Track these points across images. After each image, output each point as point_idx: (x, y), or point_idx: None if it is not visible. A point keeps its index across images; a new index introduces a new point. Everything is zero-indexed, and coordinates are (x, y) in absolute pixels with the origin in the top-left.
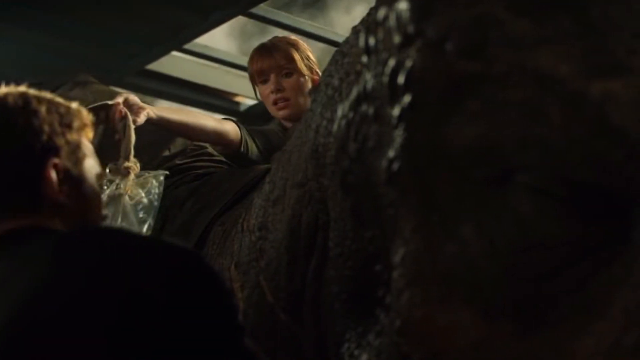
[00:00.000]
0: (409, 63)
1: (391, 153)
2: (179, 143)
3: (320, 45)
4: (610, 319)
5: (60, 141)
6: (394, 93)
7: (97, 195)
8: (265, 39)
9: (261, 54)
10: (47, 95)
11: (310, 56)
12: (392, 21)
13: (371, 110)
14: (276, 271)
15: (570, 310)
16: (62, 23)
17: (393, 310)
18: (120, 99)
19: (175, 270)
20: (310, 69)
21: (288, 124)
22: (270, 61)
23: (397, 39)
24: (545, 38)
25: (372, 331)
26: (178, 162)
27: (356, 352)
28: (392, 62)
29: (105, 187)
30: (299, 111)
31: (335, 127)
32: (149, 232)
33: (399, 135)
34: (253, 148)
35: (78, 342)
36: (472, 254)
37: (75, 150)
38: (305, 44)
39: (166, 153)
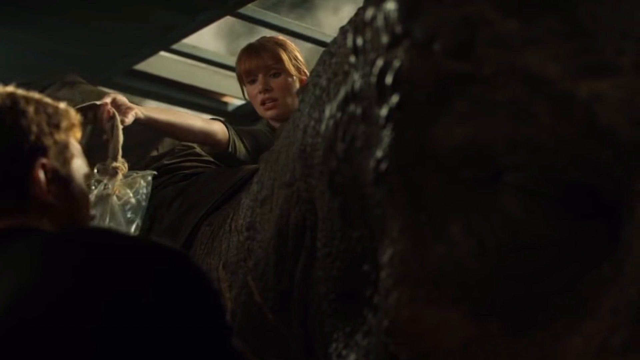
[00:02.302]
0: (396, 63)
1: (379, 153)
2: (167, 143)
3: (308, 45)
4: (599, 319)
5: (48, 141)
6: (382, 93)
7: (85, 196)
8: (253, 39)
9: (249, 54)
10: (35, 95)
11: (298, 56)
12: (379, 21)
13: (359, 111)
14: (264, 271)
15: (560, 310)
16: (50, 23)
17: (381, 311)
18: (108, 99)
19: (163, 270)
20: (298, 69)
21: (276, 124)
22: (258, 61)
23: (385, 39)
24: (534, 38)
25: (360, 331)
26: (166, 162)
27: (344, 352)
28: (380, 63)
29: (93, 187)
30: (286, 111)
31: (323, 127)
32: (137, 232)
33: (386, 135)
34: (241, 148)
35: (65, 342)
36: (461, 254)
37: (63, 150)
38: (293, 44)
39: (154, 153)
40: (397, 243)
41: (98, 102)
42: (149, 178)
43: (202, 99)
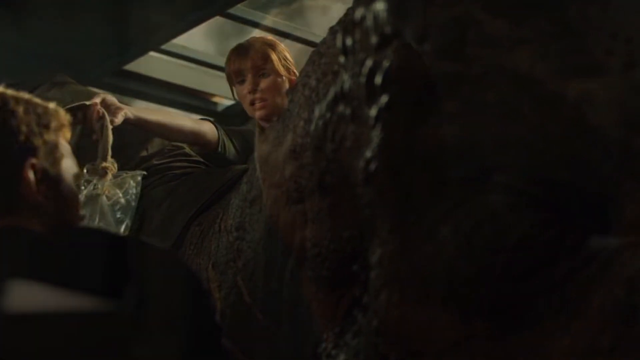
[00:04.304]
0: (386, 63)
1: (368, 153)
2: (156, 143)
3: (298, 45)
4: (587, 319)
5: (37, 141)
6: (371, 93)
7: (74, 196)
8: (243, 39)
9: (238, 54)
10: (25, 95)
11: (288, 56)
12: (369, 21)
13: (348, 111)
14: (253, 271)
15: (547, 310)
16: (39, 23)
17: (370, 311)
18: (97, 99)
19: (153, 270)
20: (288, 70)
21: (265, 124)
22: (247, 61)
23: (374, 39)
24: (523, 38)
25: (349, 331)
26: (155, 162)
27: (333, 352)
28: (369, 63)
29: (83, 188)
30: (276, 111)
31: (312, 127)
32: (127, 232)
33: (376, 135)
34: (230, 148)
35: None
36: (449, 254)
37: (53, 150)
38: (282, 45)
39: (144, 153)
40: (387, 243)
41: (87, 102)
42: (139, 178)
43: (192, 99)
